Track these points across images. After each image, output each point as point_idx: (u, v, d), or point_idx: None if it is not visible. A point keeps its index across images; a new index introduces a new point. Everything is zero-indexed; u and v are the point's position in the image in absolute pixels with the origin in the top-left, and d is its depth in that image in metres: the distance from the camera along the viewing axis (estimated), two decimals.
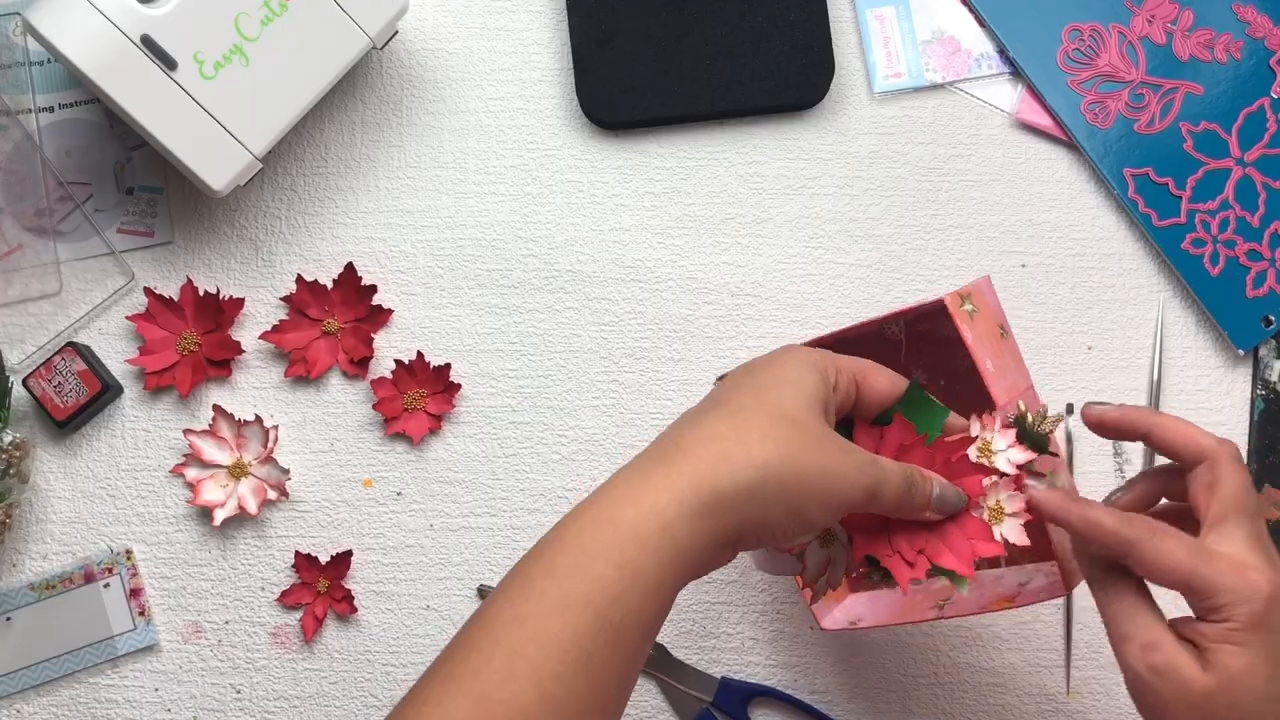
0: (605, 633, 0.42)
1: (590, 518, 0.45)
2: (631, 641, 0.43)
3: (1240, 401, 0.79)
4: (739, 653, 0.76)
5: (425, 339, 0.77)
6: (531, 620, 0.42)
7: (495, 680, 0.42)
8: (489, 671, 0.42)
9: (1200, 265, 0.78)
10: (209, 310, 0.76)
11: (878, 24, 0.79)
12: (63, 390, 0.73)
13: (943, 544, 0.54)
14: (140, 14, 0.66)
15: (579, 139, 0.79)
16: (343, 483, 0.76)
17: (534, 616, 0.42)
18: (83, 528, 0.75)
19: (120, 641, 0.74)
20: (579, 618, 0.42)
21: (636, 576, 0.43)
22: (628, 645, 0.43)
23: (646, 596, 0.43)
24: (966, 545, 0.54)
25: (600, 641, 0.42)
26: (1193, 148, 0.78)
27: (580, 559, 0.43)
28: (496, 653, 0.42)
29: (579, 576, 0.43)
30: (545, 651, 0.42)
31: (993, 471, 0.55)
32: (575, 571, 0.43)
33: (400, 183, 0.78)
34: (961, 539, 0.54)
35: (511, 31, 0.79)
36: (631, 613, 0.43)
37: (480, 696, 0.41)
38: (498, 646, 0.42)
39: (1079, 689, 0.77)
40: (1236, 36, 0.79)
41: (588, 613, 0.42)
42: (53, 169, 0.76)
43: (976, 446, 0.56)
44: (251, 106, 0.69)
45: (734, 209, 0.79)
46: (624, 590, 0.43)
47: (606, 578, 0.43)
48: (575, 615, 0.42)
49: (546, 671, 0.42)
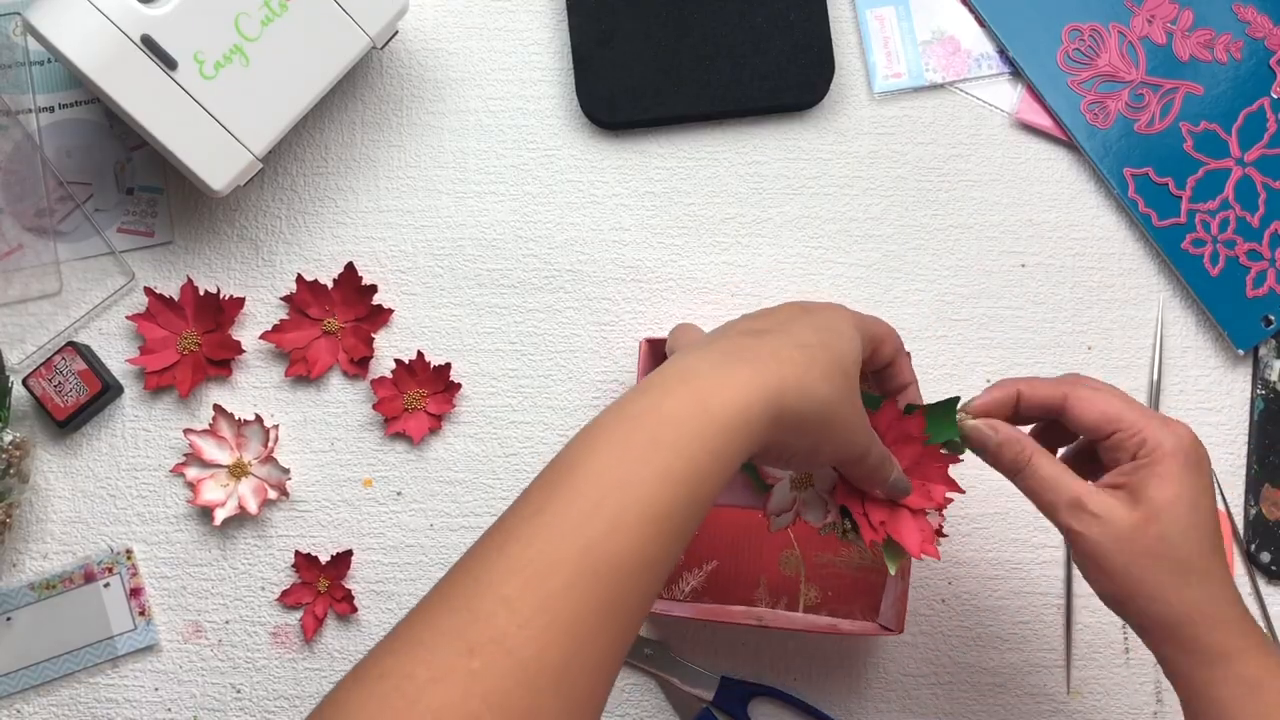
0: (693, 506, 0.46)
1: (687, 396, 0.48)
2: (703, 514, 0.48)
3: (1240, 401, 0.79)
4: (738, 652, 0.76)
5: (425, 339, 0.77)
6: (637, 485, 0.45)
7: (601, 531, 0.44)
8: (596, 522, 0.44)
9: (1200, 265, 0.78)
10: (209, 310, 0.76)
11: (878, 24, 0.79)
12: (63, 390, 0.73)
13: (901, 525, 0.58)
14: (140, 14, 0.66)
15: (579, 139, 0.79)
16: (343, 482, 0.76)
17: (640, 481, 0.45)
18: (83, 527, 0.75)
19: (120, 641, 0.74)
20: (676, 491, 0.46)
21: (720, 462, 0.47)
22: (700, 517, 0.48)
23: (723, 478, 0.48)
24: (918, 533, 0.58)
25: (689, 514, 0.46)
26: (1193, 148, 0.78)
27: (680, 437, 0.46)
28: (604, 507, 0.44)
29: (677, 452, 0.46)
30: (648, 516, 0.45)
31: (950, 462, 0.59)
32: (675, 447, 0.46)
33: (400, 183, 0.78)
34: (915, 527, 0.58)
35: (511, 31, 0.79)
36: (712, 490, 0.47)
37: (587, 545, 0.44)
38: (605, 501, 0.45)
39: (1079, 689, 0.77)
40: (1236, 36, 0.79)
41: (685, 488, 0.46)
42: (53, 169, 0.76)
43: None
44: (251, 106, 0.69)
45: (734, 209, 0.79)
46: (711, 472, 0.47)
47: (701, 459, 0.46)
48: (673, 488, 0.46)
49: (649, 534, 0.45)
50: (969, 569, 0.77)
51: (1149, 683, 0.77)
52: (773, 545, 0.75)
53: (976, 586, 0.77)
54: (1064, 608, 0.77)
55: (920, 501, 0.59)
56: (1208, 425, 0.78)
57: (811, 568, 0.75)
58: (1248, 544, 0.77)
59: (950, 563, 0.77)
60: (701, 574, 0.75)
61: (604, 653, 0.44)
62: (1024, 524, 0.77)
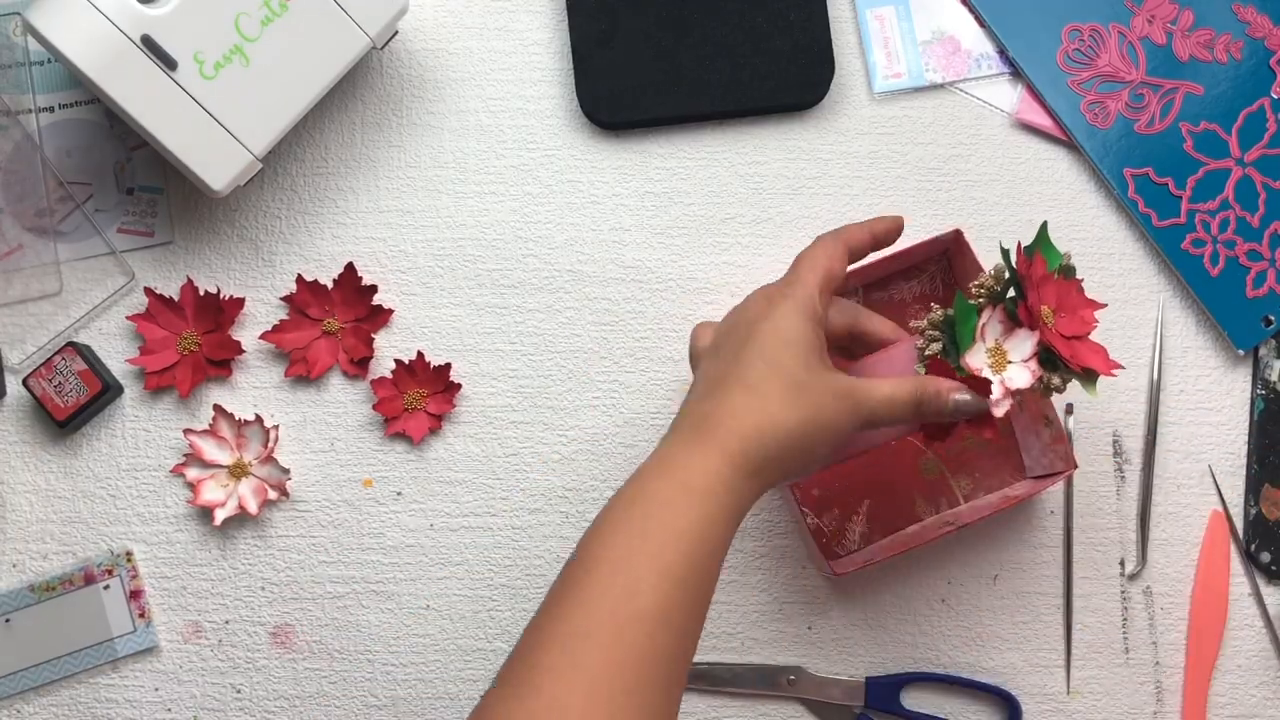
0: (701, 560, 0.53)
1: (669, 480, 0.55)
2: (713, 570, 0.54)
3: (1240, 401, 0.79)
4: (739, 653, 0.76)
5: (425, 339, 0.77)
6: (642, 554, 0.52)
7: (620, 596, 0.51)
8: (615, 590, 0.51)
9: (1200, 265, 0.78)
10: (209, 310, 0.76)
11: (878, 24, 0.79)
12: (63, 390, 0.73)
13: (1081, 354, 0.61)
14: (140, 14, 0.66)
15: (579, 139, 0.79)
16: (343, 483, 0.76)
17: (644, 552, 0.52)
18: (83, 528, 0.75)
19: (120, 644, 0.74)
20: (676, 551, 0.52)
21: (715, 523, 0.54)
22: (711, 573, 0.54)
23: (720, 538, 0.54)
24: (1098, 355, 0.61)
25: (698, 568, 0.53)
26: (1193, 148, 0.78)
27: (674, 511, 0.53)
28: (618, 577, 0.52)
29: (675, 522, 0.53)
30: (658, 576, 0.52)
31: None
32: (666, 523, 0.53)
33: (400, 183, 0.78)
34: (1091, 350, 0.61)
35: (511, 31, 0.79)
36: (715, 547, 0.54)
37: (611, 609, 0.51)
38: (617, 573, 0.52)
39: (1079, 689, 0.77)
40: (1236, 36, 0.79)
41: (683, 547, 0.53)
42: (53, 169, 0.76)
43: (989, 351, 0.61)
44: (251, 106, 0.69)
45: (734, 209, 0.78)
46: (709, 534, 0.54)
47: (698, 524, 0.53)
48: (673, 550, 0.52)
49: (661, 591, 0.51)
50: (969, 569, 0.77)
51: (1149, 683, 0.77)
52: (907, 462, 0.76)
53: (976, 586, 0.77)
54: (1064, 608, 0.77)
55: (1077, 327, 0.61)
56: (1208, 425, 0.78)
57: (949, 461, 0.76)
58: (1248, 544, 0.77)
59: (950, 562, 0.77)
60: (861, 518, 0.76)
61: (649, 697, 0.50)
62: (1024, 524, 0.77)
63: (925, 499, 0.76)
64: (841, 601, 0.76)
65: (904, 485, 0.76)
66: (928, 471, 0.76)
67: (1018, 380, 0.60)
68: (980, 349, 0.60)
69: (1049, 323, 0.60)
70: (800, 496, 0.75)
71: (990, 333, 0.60)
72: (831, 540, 0.75)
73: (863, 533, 0.76)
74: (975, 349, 0.60)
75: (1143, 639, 0.77)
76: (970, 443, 0.76)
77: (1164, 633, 0.77)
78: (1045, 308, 0.60)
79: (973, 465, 0.76)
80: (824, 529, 0.75)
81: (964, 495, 0.76)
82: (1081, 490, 0.77)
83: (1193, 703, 0.76)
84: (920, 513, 0.76)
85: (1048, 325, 0.59)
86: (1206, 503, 0.78)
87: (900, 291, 0.77)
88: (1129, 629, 0.77)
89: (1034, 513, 0.77)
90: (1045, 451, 0.73)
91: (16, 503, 0.75)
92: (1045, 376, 0.60)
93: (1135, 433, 0.78)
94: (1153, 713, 0.77)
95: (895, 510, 0.76)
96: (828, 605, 0.76)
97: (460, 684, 0.75)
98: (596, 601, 0.51)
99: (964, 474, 0.76)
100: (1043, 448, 0.74)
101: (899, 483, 0.76)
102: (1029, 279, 0.59)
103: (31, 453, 0.76)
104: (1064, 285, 0.61)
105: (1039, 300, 0.60)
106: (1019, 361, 0.60)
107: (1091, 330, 0.61)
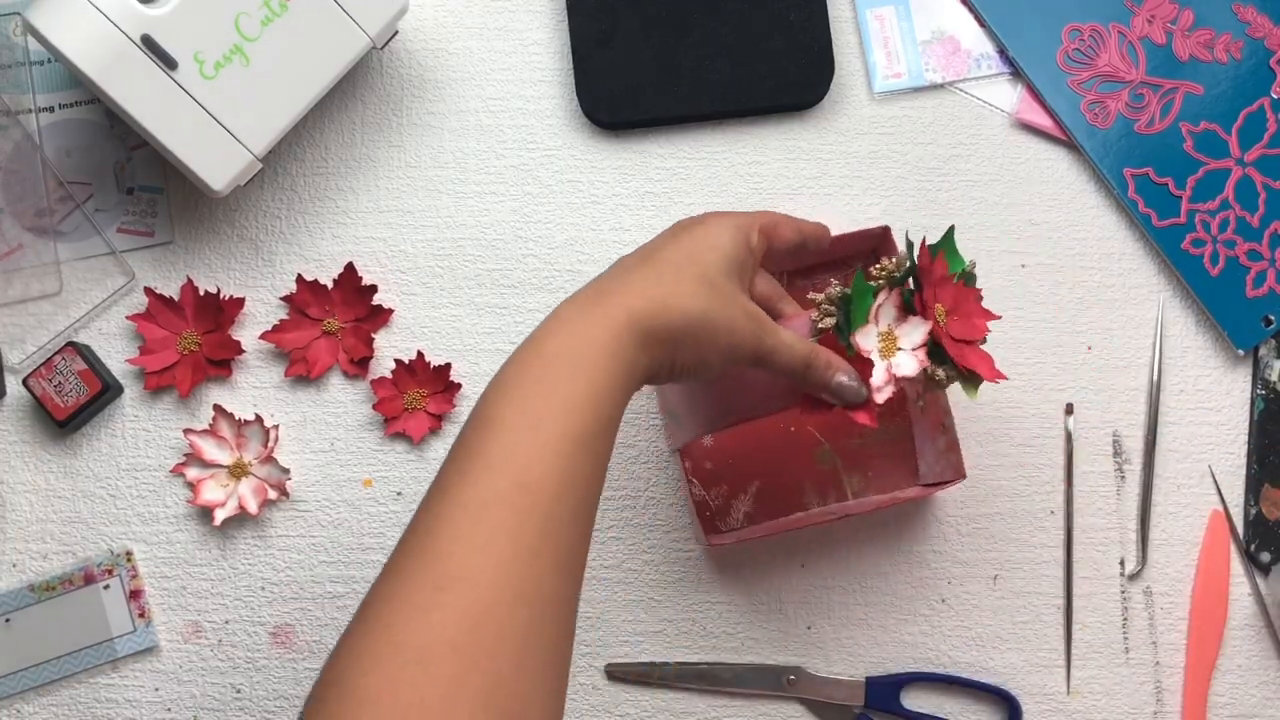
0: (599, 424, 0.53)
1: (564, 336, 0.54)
2: (609, 437, 0.54)
3: (1240, 401, 0.79)
4: (739, 653, 0.76)
5: (425, 339, 0.77)
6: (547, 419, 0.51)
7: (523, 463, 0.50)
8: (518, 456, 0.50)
9: (1200, 265, 0.78)
10: (209, 310, 0.76)
11: (878, 24, 0.79)
12: (63, 390, 0.73)
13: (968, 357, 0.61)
14: (140, 14, 0.66)
15: (579, 139, 0.79)
16: (343, 483, 0.76)
17: (545, 414, 0.51)
18: (83, 527, 0.75)
19: (120, 644, 0.74)
20: (582, 417, 0.52)
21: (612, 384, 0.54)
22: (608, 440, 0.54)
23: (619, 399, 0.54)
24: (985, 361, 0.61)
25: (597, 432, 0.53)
26: (1193, 148, 0.78)
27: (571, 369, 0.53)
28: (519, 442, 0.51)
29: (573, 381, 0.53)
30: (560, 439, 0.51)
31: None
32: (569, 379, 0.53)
33: (400, 183, 0.78)
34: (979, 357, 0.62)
35: (511, 31, 0.79)
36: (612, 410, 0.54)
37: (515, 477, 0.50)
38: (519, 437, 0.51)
39: (1079, 689, 0.77)
40: (1236, 36, 0.79)
41: (588, 412, 0.52)
42: (53, 169, 0.76)
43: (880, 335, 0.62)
44: (251, 106, 0.69)
45: (734, 209, 0.78)
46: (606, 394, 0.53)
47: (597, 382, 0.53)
48: (579, 415, 0.52)
49: (564, 453, 0.51)
50: (969, 569, 0.77)
51: (1149, 683, 0.77)
52: (803, 449, 0.76)
53: (976, 586, 0.77)
54: (1064, 608, 0.77)
55: (968, 332, 0.62)
56: (1208, 425, 0.78)
57: (845, 457, 0.76)
58: (1248, 544, 0.77)
59: (950, 562, 0.77)
60: (748, 498, 0.76)
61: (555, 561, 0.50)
62: (1024, 524, 0.77)
63: (815, 490, 0.76)
64: (842, 601, 0.76)
65: (796, 472, 0.76)
66: (821, 462, 0.76)
67: (904, 367, 0.61)
68: (872, 330, 0.61)
69: (941, 322, 0.60)
70: (692, 467, 0.76)
71: (884, 316, 0.61)
72: (715, 515, 0.76)
73: (747, 512, 0.76)
74: (867, 330, 0.61)
75: (1143, 639, 0.77)
76: (867, 440, 0.76)
77: (1164, 633, 0.77)
78: (939, 306, 0.60)
79: (867, 464, 0.76)
80: (710, 502, 0.76)
81: (853, 492, 0.76)
82: (1081, 490, 0.77)
83: (1193, 703, 0.76)
84: (808, 502, 0.76)
85: (939, 323, 0.60)
86: (1206, 503, 0.78)
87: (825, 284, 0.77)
88: (1129, 629, 0.77)
89: (1034, 513, 0.77)
90: (939, 459, 0.73)
91: (16, 503, 0.75)
92: (931, 368, 0.61)
93: (1135, 433, 0.78)
94: (1153, 713, 0.77)
95: (783, 496, 0.76)
96: (828, 605, 0.76)
97: None
98: (500, 467, 0.50)
99: (857, 472, 0.76)
100: (937, 454, 0.74)
101: (791, 469, 0.76)
102: (928, 275, 0.60)
103: (31, 453, 0.76)
104: (963, 291, 0.62)
105: (934, 298, 0.60)
106: (908, 349, 0.61)
107: (981, 339, 0.62)
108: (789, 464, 0.76)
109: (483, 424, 0.52)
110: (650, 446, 0.77)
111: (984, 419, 0.77)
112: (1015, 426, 0.78)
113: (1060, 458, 0.78)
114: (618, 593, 0.76)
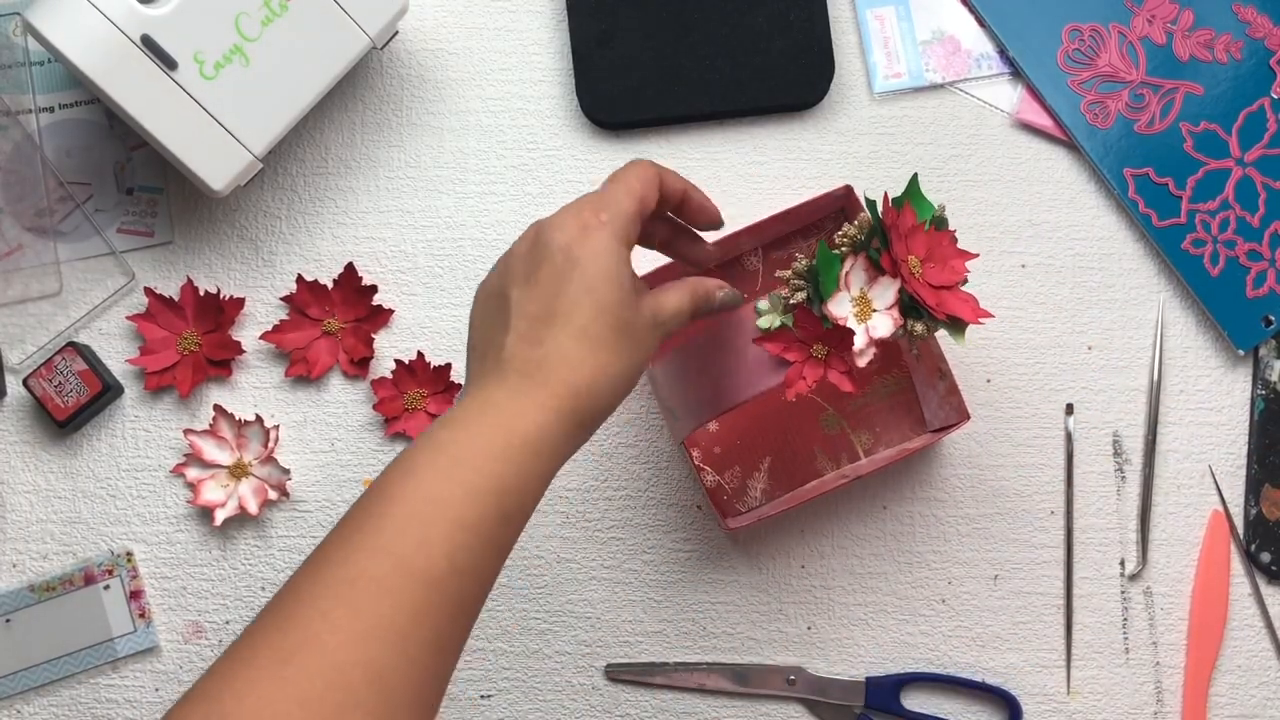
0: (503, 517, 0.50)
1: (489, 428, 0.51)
2: (522, 521, 0.52)
3: (1240, 401, 0.79)
4: (738, 653, 0.76)
5: (426, 339, 0.77)
6: (444, 501, 0.49)
7: (411, 547, 0.48)
8: (407, 538, 0.48)
9: (1200, 265, 0.78)
10: (209, 310, 0.76)
11: (878, 24, 0.79)
12: (63, 390, 0.73)
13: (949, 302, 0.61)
14: (140, 14, 0.66)
15: (579, 139, 0.79)
16: (343, 483, 0.76)
17: (448, 498, 0.49)
18: (83, 528, 0.75)
19: (120, 644, 0.74)
20: (483, 505, 0.49)
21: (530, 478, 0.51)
22: (519, 524, 0.52)
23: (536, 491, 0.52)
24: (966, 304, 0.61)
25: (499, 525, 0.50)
26: (1193, 148, 0.78)
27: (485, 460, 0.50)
28: (413, 523, 0.48)
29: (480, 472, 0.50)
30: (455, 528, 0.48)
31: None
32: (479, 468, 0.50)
33: (400, 183, 0.78)
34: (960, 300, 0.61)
35: (511, 31, 0.79)
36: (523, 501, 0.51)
37: (399, 559, 0.47)
38: (413, 518, 0.48)
39: (1079, 689, 0.77)
40: (1236, 36, 0.79)
41: (491, 502, 0.50)
42: (53, 169, 0.76)
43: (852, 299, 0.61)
44: (251, 106, 0.69)
45: (734, 209, 0.78)
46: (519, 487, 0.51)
47: (507, 477, 0.50)
48: (479, 503, 0.49)
49: (458, 542, 0.48)
50: (969, 569, 0.77)
51: (1149, 683, 0.77)
52: (809, 417, 0.76)
53: (976, 586, 0.77)
54: (1064, 608, 0.77)
55: (946, 277, 0.61)
56: (1208, 425, 0.78)
57: (850, 417, 0.76)
58: (1248, 544, 0.77)
59: (950, 562, 0.77)
60: (763, 474, 0.76)
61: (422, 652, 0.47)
62: (1024, 524, 0.77)
63: (826, 454, 0.76)
64: (842, 601, 0.76)
65: (805, 441, 0.76)
66: (828, 427, 0.76)
67: (880, 328, 0.61)
68: (845, 298, 0.61)
69: (916, 273, 0.60)
70: (701, 455, 0.76)
71: (855, 281, 0.61)
72: (733, 498, 0.76)
73: (764, 489, 0.76)
74: (839, 297, 0.61)
75: (1143, 639, 0.77)
76: (870, 396, 0.76)
77: (1164, 633, 0.77)
78: (913, 257, 0.60)
79: (873, 420, 0.76)
80: (725, 486, 0.76)
81: (864, 450, 0.76)
82: (1081, 490, 0.77)
83: (1193, 703, 0.76)
84: (821, 468, 0.76)
85: (915, 275, 0.60)
86: (1206, 503, 0.78)
87: (800, 249, 0.77)
88: (1129, 629, 0.77)
89: (1034, 513, 0.77)
90: (942, 404, 0.74)
91: (16, 503, 0.75)
92: (908, 323, 0.61)
93: (1135, 433, 0.78)
94: (1153, 713, 0.77)
95: (796, 466, 0.76)
96: (828, 605, 0.76)
97: (458, 684, 0.75)
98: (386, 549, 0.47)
99: (864, 429, 0.76)
100: (939, 400, 0.74)
101: (800, 439, 0.76)
102: (896, 229, 0.60)
103: (31, 453, 0.76)
104: (935, 236, 0.62)
105: (906, 250, 0.60)
106: (883, 310, 0.61)
107: (962, 280, 0.62)
108: (797, 434, 0.76)
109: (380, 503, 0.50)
110: (650, 446, 0.77)
111: (984, 419, 0.77)
112: (1015, 426, 0.78)
113: (1060, 458, 0.78)
114: (618, 593, 0.76)
